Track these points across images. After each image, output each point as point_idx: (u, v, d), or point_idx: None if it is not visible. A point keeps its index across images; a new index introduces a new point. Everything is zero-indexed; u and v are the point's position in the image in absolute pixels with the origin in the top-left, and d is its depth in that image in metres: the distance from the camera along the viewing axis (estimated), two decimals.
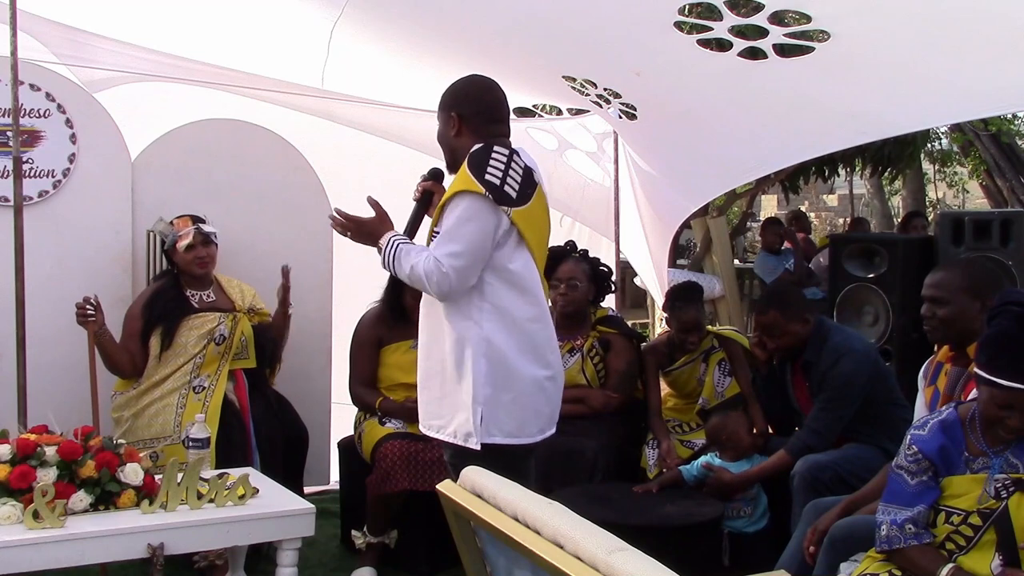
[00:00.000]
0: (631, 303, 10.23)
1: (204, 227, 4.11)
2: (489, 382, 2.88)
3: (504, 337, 2.90)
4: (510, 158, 2.90)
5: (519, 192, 2.89)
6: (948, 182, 19.82)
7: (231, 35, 4.77)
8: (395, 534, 4.06)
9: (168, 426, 3.90)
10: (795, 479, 3.65)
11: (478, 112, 3.01)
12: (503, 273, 2.91)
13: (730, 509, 3.89)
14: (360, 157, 5.38)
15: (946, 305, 3.00)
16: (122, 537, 2.84)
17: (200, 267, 4.11)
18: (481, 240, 2.86)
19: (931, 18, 3.40)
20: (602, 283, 4.57)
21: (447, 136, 3.05)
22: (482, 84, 3.08)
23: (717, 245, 9.37)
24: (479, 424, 2.88)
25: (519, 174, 2.90)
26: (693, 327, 4.40)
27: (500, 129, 3.03)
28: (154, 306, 4.04)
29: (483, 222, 2.85)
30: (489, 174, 2.85)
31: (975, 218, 5.02)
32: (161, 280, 4.16)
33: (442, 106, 3.06)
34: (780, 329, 3.93)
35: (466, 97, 3.03)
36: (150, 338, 4.02)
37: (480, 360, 2.88)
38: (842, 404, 3.80)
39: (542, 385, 2.98)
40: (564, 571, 1.59)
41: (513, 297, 2.93)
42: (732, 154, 4.97)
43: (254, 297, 4.30)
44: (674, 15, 3.64)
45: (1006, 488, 2.50)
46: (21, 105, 3.74)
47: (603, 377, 4.45)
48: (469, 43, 4.52)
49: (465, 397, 2.90)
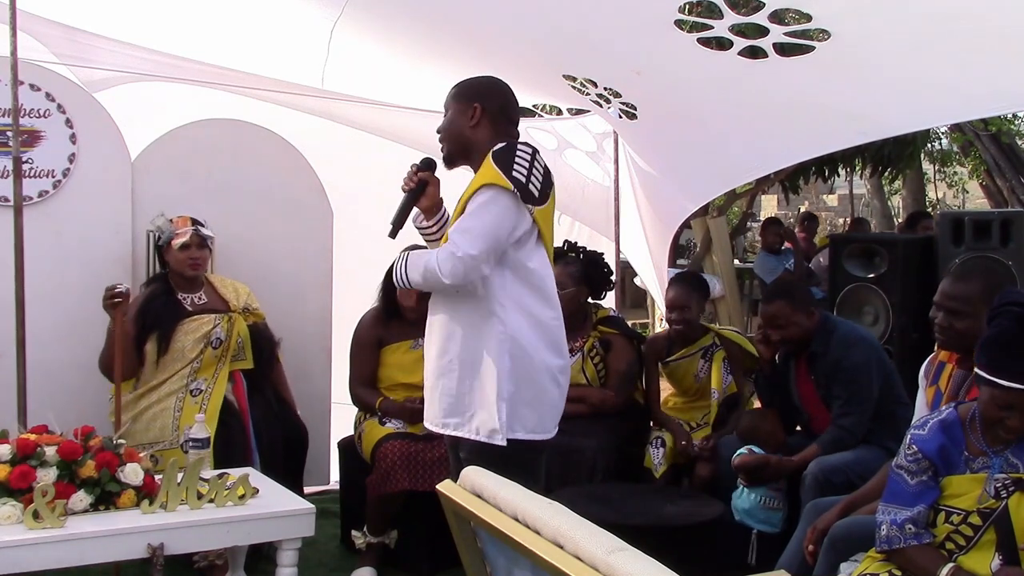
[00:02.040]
0: (631, 303, 10.24)
1: (202, 230, 4.10)
2: (512, 378, 2.88)
3: (526, 334, 2.90)
4: (534, 156, 2.91)
5: (541, 191, 2.90)
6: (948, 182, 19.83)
7: (231, 35, 4.77)
8: (395, 534, 4.06)
9: (167, 430, 3.89)
10: (806, 479, 3.62)
11: (499, 109, 3.02)
12: (522, 271, 2.91)
13: (768, 499, 3.83)
14: (360, 157, 5.38)
15: (966, 319, 2.92)
16: (122, 537, 2.84)
17: (192, 268, 4.08)
18: (499, 232, 2.84)
19: (931, 18, 3.39)
20: (598, 281, 4.55)
21: (461, 127, 3.01)
22: (503, 85, 3.10)
23: (717, 245, 9.38)
24: (504, 420, 2.87)
25: (541, 173, 2.91)
26: (675, 307, 4.46)
27: (513, 131, 3.04)
28: (148, 312, 3.99)
29: (505, 216, 2.84)
30: (516, 171, 2.84)
31: (975, 218, 5.02)
32: (152, 285, 4.12)
33: (460, 96, 3.04)
34: (786, 319, 3.92)
35: (490, 92, 3.04)
36: (145, 345, 3.99)
37: (504, 357, 2.87)
38: (862, 392, 3.79)
39: (558, 381, 2.99)
40: (564, 571, 1.59)
41: (533, 295, 2.93)
42: (732, 154, 4.97)
43: (248, 296, 4.27)
44: (674, 14, 3.64)
45: (1006, 488, 2.50)
46: (21, 105, 3.73)
47: (603, 377, 4.46)
48: (469, 42, 4.52)
49: (488, 394, 2.89)
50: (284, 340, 4.39)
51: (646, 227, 5.91)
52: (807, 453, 3.78)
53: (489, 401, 2.89)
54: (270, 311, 4.36)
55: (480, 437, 2.92)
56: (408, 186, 3.05)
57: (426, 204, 3.04)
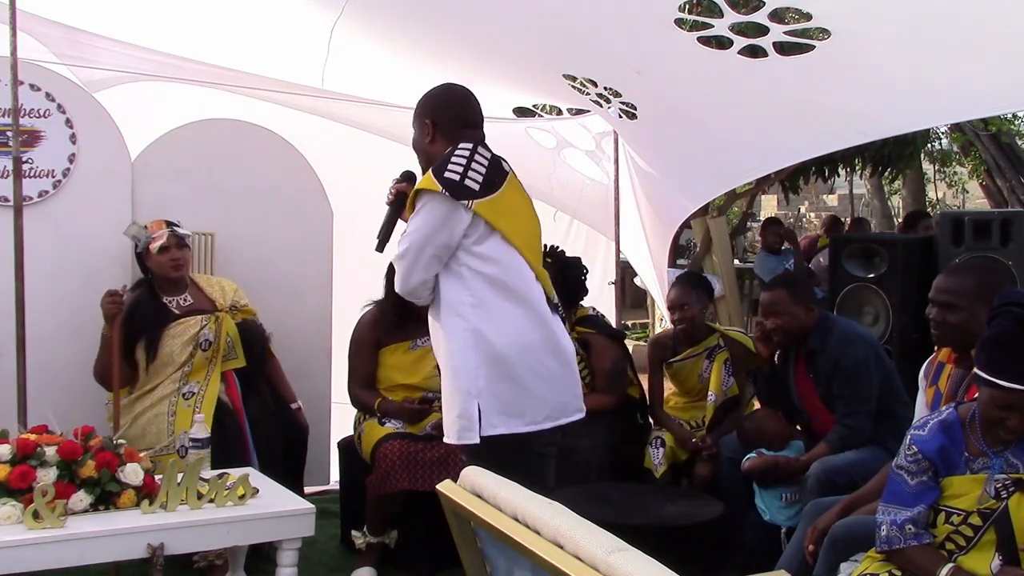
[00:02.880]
0: (631, 303, 10.24)
1: (178, 229, 4.06)
2: (483, 374, 2.88)
3: (493, 327, 2.89)
4: (473, 151, 2.93)
5: (484, 183, 2.90)
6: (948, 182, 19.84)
7: (231, 35, 4.77)
8: (395, 534, 4.06)
9: (162, 435, 3.86)
10: (809, 480, 3.62)
11: (451, 119, 3.05)
12: (478, 266, 2.92)
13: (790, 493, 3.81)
14: (360, 157, 5.38)
15: (959, 312, 2.94)
16: (122, 537, 2.84)
17: (175, 269, 4.04)
18: (429, 232, 2.88)
19: (931, 17, 3.39)
20: (572, 286, 4.48)
21: (422, 143, 3.09)
22: (455, 91, 3.13)
23: (717, 245, 9.37)
24: (474, 418, 2.87)
25: (483, 166, 2.92)
26: (675, 306, 4.46)
27: (474, 135, 3.04)
28: (134, 319, 3.94)
29: (433, 220, 2.88)
30: (449, 171, 2.88)
31: (975, 218, 5.02)
32: (135, 291, 4.06)
33: (416, 113, 3.11)
34: (783, 308, 3.90)
35: (439, 104, 3.08)
36: (135, 351, 3.97)
37: (469, 353, 2.88)
38: (863, 390, 3.78)
39: (539, 371, 2.94)
40: (564, 571, 1.59)
41: (493, 288, 2.92)
42: (732, 154, 4.97)
43: (236, 292, 4.22)
44: (674, 12, 3.64)
45: (1006, 488, 2.50)
46: (21, 105, 3.73)
47: (587, 379, 4.42)
48: (469, 42, 4.52)
49: (460, 393, 2.90)
50: (284, 340, 4.38)
51: (646, 227, 5.91)
52: (815, 452, 3.78)
53: (460, 401, 2.90)
54: (270, 311, 4.35)
55: (455, 439, 2.93)
56: (389, 200, 3.12)
57: (408, 215, 3.04)
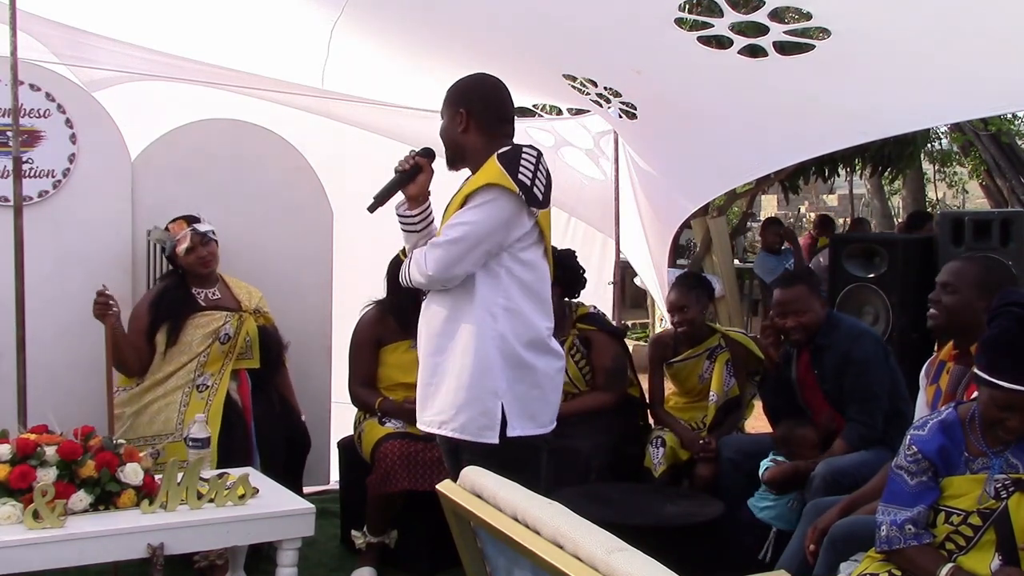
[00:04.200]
0: (631, 303, 10.24)
1: (200, 227, 4.11)
2: (504, 376, 2.87)
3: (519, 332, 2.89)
4: (538, 160, 2.90)
5: (544, 194, 2.89)
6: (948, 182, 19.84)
7: (231, 35, 4.77)
8: (395, 534, 4.06)
9: (171, 424, 3.91)
10: (814, 480, 3.60)
11: (486, 109, 2.98)
12: (518, 272, 2.90)
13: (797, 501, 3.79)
14: (360, 157, 5.38)
15: (954, 294, 2.99)
16: (122, 537, 2.84)
17: (204, 266, 4.12)
18: (492, 231, 2.83)
19: (931, 17, 3.39)
20: (570, 279, 4.47)
21: (453, 132, 3.00)
22: (491, 82, 3.05)
23: (717, 245, 9.38)
24: (497, 417, 2.88)
25: (545, 176, 2.90)
26: (674, 308, 4.47)
27: (507, 128, 3.00)
28: (160, 303, 4.05)
29: (502, 217, 2.83)
30: (521, 174, 2.83)
31: (975, 218, 5.01)
32: (167, 279, 4.17)
33: (449, 102, 3.02)
34: (804, 304, 3.88)
35: (475, 94, 3.00)
36: (156, 335, 4.02)
37: (495, 354, 2.87)
38: (874, 384, 3.78)
39: (552, 378, 2.98)
40: (564, 571, 1.59)
41: (526, 296, 2.92)
42: (732, 153, 4.97)
43: (260, 300, 4.30)
44: (674, 12, 3.64)
45: (1006, 488, 2.50)
46: (21, 105, 3.73)
47: (588, 376, 4.43)
48: (469, 42, 4.52)
49: (481, 392, 2.89)
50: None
51: (646, 227, 5.91)
52: (834, 449, 3.76)
53: (481, 399, 2.89)
54: (270, 311, 4.35)
55: (472, 436, 2.91)
56: (402, 167, 3.00)
57: (414, 191, 2.99)
